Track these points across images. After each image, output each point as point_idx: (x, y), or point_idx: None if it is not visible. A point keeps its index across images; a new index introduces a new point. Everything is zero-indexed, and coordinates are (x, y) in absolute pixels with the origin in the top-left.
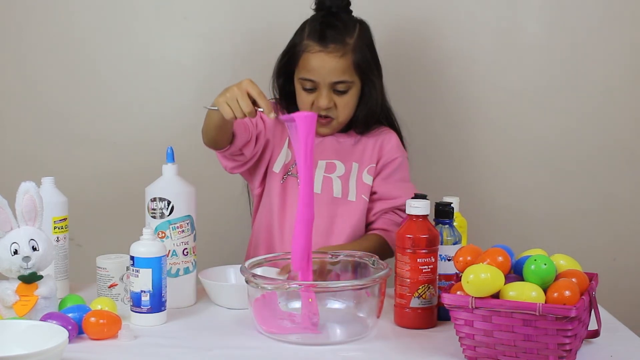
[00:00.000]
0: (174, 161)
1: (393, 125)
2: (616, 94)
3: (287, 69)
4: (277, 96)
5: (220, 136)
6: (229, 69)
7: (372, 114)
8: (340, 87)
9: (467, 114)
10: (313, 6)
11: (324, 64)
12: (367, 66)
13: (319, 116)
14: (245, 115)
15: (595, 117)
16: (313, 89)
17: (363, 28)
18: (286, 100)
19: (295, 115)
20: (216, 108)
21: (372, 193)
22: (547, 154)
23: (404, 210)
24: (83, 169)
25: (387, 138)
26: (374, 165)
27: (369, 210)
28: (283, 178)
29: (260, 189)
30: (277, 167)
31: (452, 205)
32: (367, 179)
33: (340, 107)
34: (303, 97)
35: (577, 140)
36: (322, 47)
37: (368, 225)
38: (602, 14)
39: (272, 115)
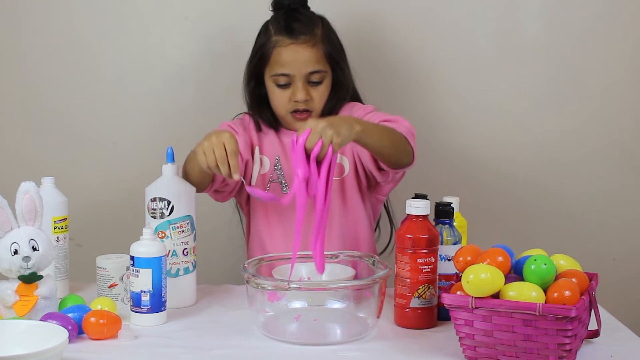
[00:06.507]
0: (174, 161)
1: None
2: (616, 94)
3: (257, 70)
4: (249, 101)
5: (202, 179)
6: (229, 69)
7: (342, 102)
8: (315, 78)
9: (467, 113)
10: (270, 7)
11: (297, 56)
12: (337, 55)
13: (297, 112)
14: (217, 165)
15: (596, 117)
16: (287, 84)
17: (325, 21)
18: (258, 105)
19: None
20: None
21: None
22: (547, 153)
23: (389, 120)
24: (83, 169)
25: (344, 112)
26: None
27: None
28: (267, 188)
29: (248, 207)
30: (254, 181)
31: (452, 205)
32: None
33: (316, 98)
34: (277, 95)
35: (577, 140)
36: (294, 39)
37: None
38: (602, 13)
39: (236, 176)
